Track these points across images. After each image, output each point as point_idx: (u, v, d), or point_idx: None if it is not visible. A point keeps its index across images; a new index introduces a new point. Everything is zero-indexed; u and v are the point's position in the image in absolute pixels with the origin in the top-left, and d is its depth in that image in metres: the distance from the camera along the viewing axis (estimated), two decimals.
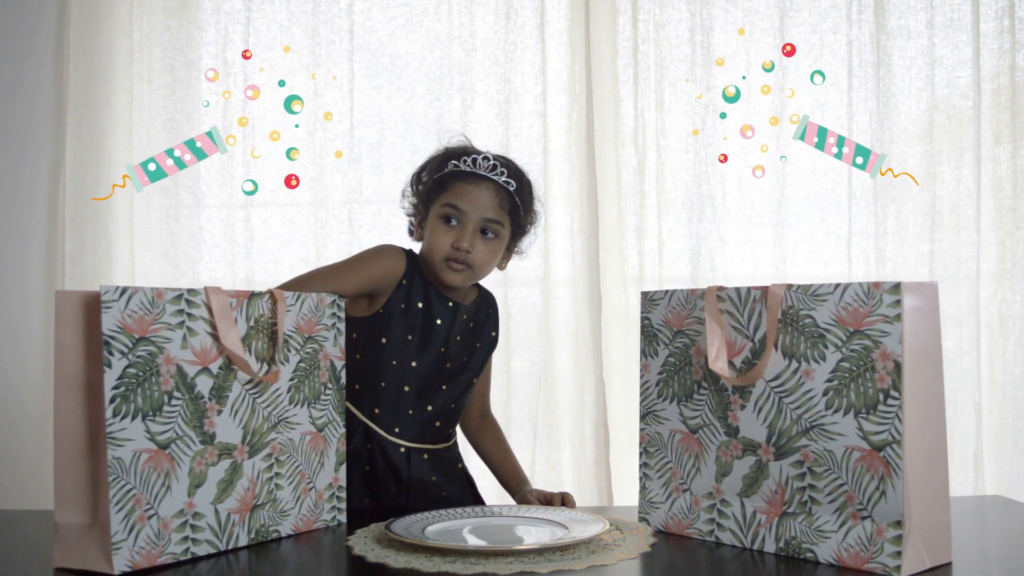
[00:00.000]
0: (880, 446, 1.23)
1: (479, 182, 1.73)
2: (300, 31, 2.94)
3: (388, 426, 1.74)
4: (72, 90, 2.87)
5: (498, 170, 1.74)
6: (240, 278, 2.90)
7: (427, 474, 1.76)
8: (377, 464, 1.74)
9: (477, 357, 1.84)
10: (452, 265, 1.73)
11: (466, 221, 1.72)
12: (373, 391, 1.74)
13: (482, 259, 1.74)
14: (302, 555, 1.38)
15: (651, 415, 1.51)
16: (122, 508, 1.24)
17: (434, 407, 1.77)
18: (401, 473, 1.74)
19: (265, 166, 2.94)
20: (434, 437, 1.79)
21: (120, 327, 1.24)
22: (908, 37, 2.87)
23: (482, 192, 1.73)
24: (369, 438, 1.74)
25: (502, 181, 1.74)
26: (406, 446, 1.75)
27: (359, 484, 1.74)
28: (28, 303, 2.88)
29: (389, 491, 1.74)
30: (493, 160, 1.74)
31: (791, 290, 1.32)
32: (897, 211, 2.87)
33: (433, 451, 1.78)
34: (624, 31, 2.90)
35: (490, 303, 1.88)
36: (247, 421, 1.41)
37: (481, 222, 1.73)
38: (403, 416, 1.75)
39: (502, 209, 1.74)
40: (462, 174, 1.74)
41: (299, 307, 1.51)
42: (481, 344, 1.84)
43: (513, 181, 1.75)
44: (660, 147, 2.90)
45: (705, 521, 1.43)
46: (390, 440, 1.74)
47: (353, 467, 1.72)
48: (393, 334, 1.73)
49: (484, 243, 1.74)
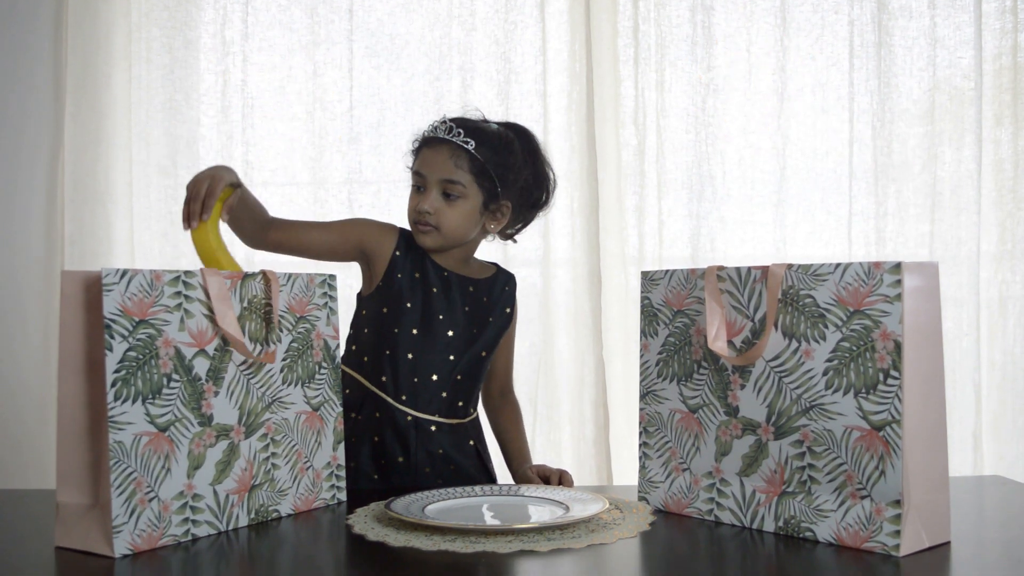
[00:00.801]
0: (880, 426, 1.23)
1: (436, 145, 1.77)
2: (299, 10, 2.93)
3: (395, 394, 1.77)
4: (71, 70, 2.86)
5: (454, 131, 1.76)
6: (239, 258, 2.87)
7: (435, 446, 1.77)
8: (385, 435, 1.76)
9: (489, 332, 1.84)
10: (419, 228, 1.78)
11: (428, 184, 1.77)
12: (380, 360, 1.78)
13: (448, 221, 1.76)
14: (301, 534, 1.38)
15: (651, 395, 1.51)
16: (123, 491, 1.24)
17: (439, 377, 1.78)
18: (409, 442, 1.76)
19: (264, 146, 2.94)
20: (443, 409, 1.79)
21: (121, 310, 1.24)
22: (910, 17, 2.85)
23: (437, 154, 1.76)
24: (378, 407, 1.77)
25: (459, 141, 1.76)
26: (413, 415, 1.77)
27: (367, 459, 1.77)
28: (28, 284, 2.88)
29: (396, 463, 1.76)
30: (450, 122, 1.78)
31: (791, 270, 1.32)
32: (898, 192, 2.86)
33: (442, 424, 1.79)
34: (625, 10, 2.89)
35: (508, 281, 1.90)
36: (243, 402, 1.41)
37: (440, 184, 1.76)
38: (408, 384, 1.77)
39: (460, 169, 1.76)
40: (426, 140, 1.80)
41: (290, 287, 1.51)
42: (494, 319, 1.85)
43: (471, 140, 1.76)
44: (660, 127, 2.89)
45: (704, 500, 1.43)
46: (398, 408, 1.76)
47: (363, 441, 1.76)
48: (393, 303, 1.78)
49: (448, 205, 1.76)
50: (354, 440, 1.77)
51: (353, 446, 1.76)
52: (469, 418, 1.85)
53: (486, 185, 1.78)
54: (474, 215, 1.79)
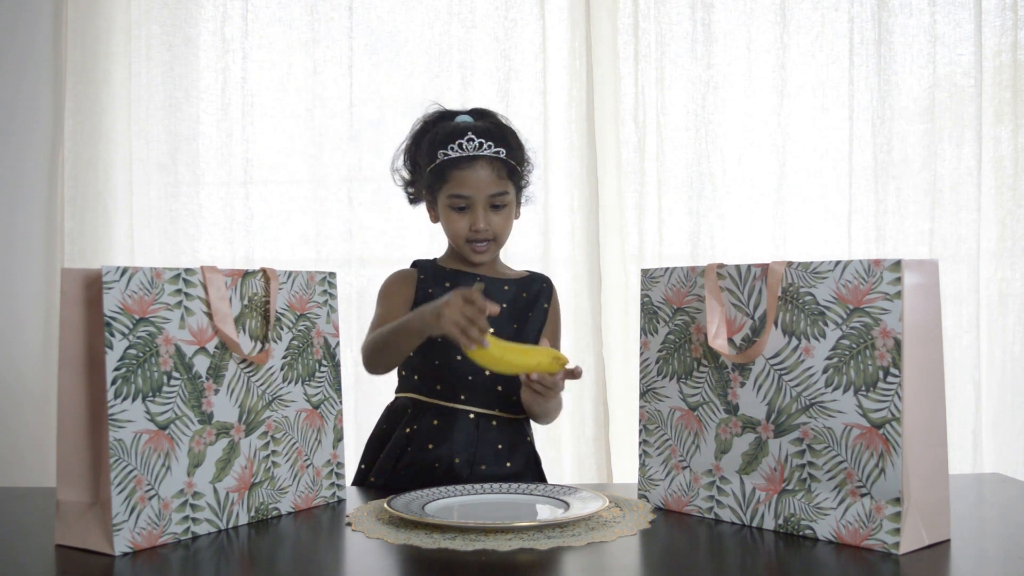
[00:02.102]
0: (879, 423, 1.23)
1: (472, 163, 1.76)
2: (299, 7, 2.93)
3: (453, 395, 1.77)
4: (70, 67, 2.86)
5: (484, 146, 1.76)
6: (240, 256, 2.90)
7: (493, 443, 1.77)
8: (442, 439, 1.76)
9: (531, 326, 1.85)
10: (475, 247, 1.79)
11: (474, 204, 1.76)
12: (431, 371, 1.79)
13: (500, 228, 1.80)
14: (301, 532, 1.38)
15: (651, 393, 1.51)
16: (123, 489, 1.24)
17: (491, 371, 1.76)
18: (470, 441, 1.75)
19: (264, 143, 2.94)
20: (502, 403, 1.80)
21: (121, 308, 1.24)
22: (910, 14, 2.85)
23: (478, 172, 1.76)
24: (437, 415, 1.77)
25: (491, 154, 1.76)
26: (474, 411, 1.77)
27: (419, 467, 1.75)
28: (28, 281, 2.88)
29: (453, 464, 1.74)
30: (477, 139, 1.76)
31: (791, 267, 1.32)
32: (897, 189, 2.86)
33: (502, 419, 1.80)
34: (624, 7, 2.88)
35: (544, 280, 1.93)
36: (243, 400, 1.41)
37: (488, 200, 1.77)
38: (464, 383, 1.78)
39: (502, 179, 1.77)
40: (455, 161, 1.76)
41: (291, 285, 1.51)
42: (533, 315, 1.87)
43: (502, 148, 1.77)
44: (660, 125, 2.89)
45: (704, 498, 1.43)
46: (459, 409, 1.77)
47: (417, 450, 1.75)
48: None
49: (497, 215, 1.78)
50: (409, 449, 1.77)
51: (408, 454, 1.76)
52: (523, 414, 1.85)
53: (516, 181, 1.81)
54: (513, 214, 1.83)
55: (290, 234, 2.93)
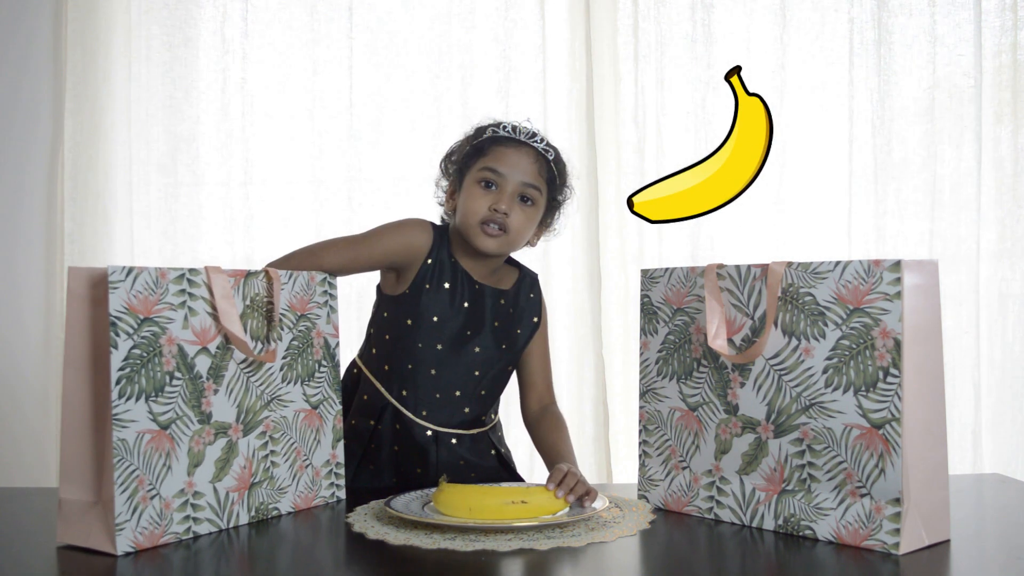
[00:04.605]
0: (879, 424, 1.23)
1: (519, 147, 1.71)
2: (299, 8, 2.93)
3: (415, 408, 1.71)
4: (70, 67, 2.86)
5: (537, 138, 1.73)
6: (240, 256, 2.90)
7: (455, 457, 1.73)
8: (405, 446, 1.72)
9: (516, 343, 1.78)
10: (487, 229, 1.68)
11: (505, 185, 1.68)
12: (401, 373, 1.72)
13: (519, 225, 1.69)
14: (301, 532, 1.38)
15: (650, 393, 1.51)
16: (126, 489, 1.24)
17: (463, 392, 1.73)
18: (429, 456, 1.71)
19: (264, 144, 2.94)
20: (464, 422, 1.75)
21: (126, 308, 1.24)
22: (909, 15, 2.85)
23: (522, 157, 1.70)
24: (397, 419, 1.72)
25: (541, 148, 1.72)
26: (433, 429, 1.72)
27: (388, 465, 1.74)
28: (28, 281, 2.88)
29: (415, 473, 1.72)
30: (532, 129, 1.74)
31: (791, 268, 1.32)
32: (897, 189, 2.86)
33: (463, 436, 1.75)
34: (624, 8, 2.88)
35: (532, 286, 1.83)
36: (241, 400, 1.41)
37: (520, 187, 1.69)
38: (430, 399, 1.72)
39: (540, 176, 1.72)
40: (501, 139, 1.72)
41: (291, 285, 1.51)
42: (522, 330, 1.79)
43: (551, 149, 1.75)
44: (660, 125, 2.89)
45: (704, 499, 1.43)
46: (417, 423, 1.71)
47: (382, 448, 1.73)
48: (418, 316, 1.70)
49: (522, 209, 1.70)
50: (373, 447, 1.74)
51: (372, 452, 1.74)
52: (490, 425, 1.80)
53: (550, 195, 1.76)
54: (535, 223, 1.74)
55: (290, 234, 2.93)
